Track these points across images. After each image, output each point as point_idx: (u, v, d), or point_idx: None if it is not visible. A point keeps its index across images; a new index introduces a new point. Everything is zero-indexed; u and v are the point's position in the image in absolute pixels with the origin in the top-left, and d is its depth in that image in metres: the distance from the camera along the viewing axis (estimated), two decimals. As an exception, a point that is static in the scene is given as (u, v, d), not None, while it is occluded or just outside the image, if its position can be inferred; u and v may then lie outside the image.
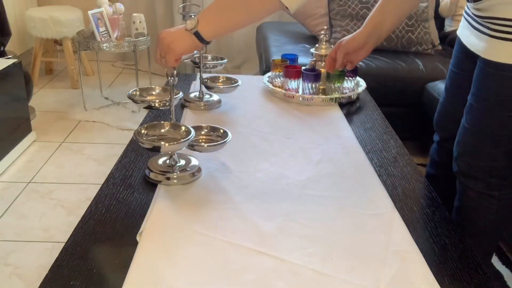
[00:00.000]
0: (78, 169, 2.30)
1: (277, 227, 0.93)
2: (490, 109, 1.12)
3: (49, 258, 1.69)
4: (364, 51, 1.42)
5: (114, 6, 2.83)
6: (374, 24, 1.38)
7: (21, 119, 2.42)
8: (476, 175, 1.19)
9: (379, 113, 1.53)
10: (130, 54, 3.64)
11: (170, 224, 0.92)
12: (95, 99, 3.07)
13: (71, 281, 0.78)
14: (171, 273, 0.80)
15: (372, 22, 1.38)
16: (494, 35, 1.07)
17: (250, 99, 1.57)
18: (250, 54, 3.67)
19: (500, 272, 1.56)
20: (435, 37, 2.72)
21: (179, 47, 1.06)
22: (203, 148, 1.10)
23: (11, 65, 2.29)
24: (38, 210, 1.96)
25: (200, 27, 1.03)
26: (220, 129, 1.14)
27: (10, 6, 3.16)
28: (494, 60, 1.08)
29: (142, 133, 1.05)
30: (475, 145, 1.17)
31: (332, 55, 1.46)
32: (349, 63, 1.47)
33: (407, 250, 0.88)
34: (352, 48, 1.41)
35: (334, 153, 1.23)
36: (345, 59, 1.44)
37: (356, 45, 1.40)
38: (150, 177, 1.07)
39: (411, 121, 2.44)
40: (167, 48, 1.06)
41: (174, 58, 1.07)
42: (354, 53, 1.42)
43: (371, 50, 1.43)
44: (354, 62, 1.47)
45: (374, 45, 1.41)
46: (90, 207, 0.98)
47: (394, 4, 1.36)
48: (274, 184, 1.08)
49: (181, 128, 1.07)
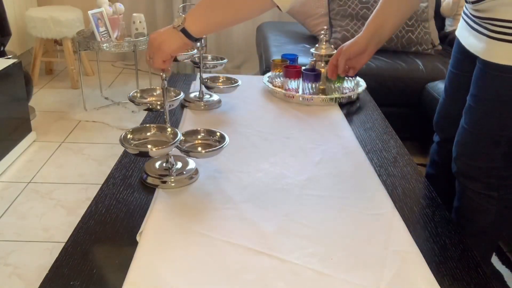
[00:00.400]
0: (78, 169, 2.30)
1: (277, 227, 0.93)
2: (489, 110, 1.12)
3: (49, 258, 1.69)
4: (366, 56, 1.40)
5: (114, 6, 2.83)
6: (374, 27, 1.36)
7: (21, 119, 2.42)
8: (475, 176, 1.19)
9: (379, 113, 1.53)
10: (130, 54, 3.64)
11: (170, 224, 0.92)
12: (95, 99, 3.07)
13: (71, 281, 0.78)
14: (171, 273, 0.80)
15: (372, 25, 1.36)
16: (494, 36, 1.07)
17: (250, 99, 1.57)
18: (250, 54, 3.67)
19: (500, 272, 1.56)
20: (435, 37, 2.72)
21: (169, 47, 1.04)
22: (199, 154, 1.08)
23: (11, 65, 2.29)
24: (38, 210, 1.96)
25: (187, 24, 1.02)
26: (217, 132, 1.12)
27: (10, 6, 3.16)
28: (493, 61, 1.08)
29: (128, 138, 1.03)
30: (474, 146, 1.17)
31: (333, 62, 1.43)
32: (351, 69, 1.45)
33: (407, 250, 0.88)
34: (354, 53, 1.39)
35: (334, 153, 1.23)
36: (347, 65, 1.42)
37: (357, 49, 1.38)
38: (147, 181, 1.06)
39: (411, 121, 2.44)
40: (156, 49, 1.04)
41: (162, 59, 1.05)
42: (356, 58, 1.40)
43: (372, 54, 1.41)
44: (356, 68, 1.44)
45: (375, 48, 1.39)
46: (90, 207, 0.98)
47: (394, 5, 1.35)
48: (274, 184, 1.08)
49: (168, 131, 1.06)
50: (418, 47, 2.63)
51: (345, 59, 1.40)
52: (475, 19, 1.14)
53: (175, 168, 1.08)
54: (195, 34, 1.03)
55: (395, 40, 2.58)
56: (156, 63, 1.05)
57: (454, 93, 1.31)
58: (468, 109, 1.17)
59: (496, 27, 1.06)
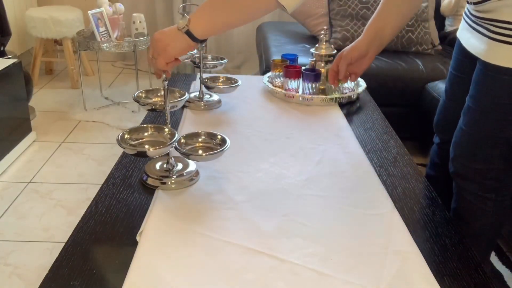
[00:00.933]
0: (78, 169, 2.30)
1: (277, 227, 0.93)
2: (488, 112, 1.11)
3: (49, 258, 1.69)
4: (366, 60, 1.37)
5: (114, 6, 2.83)
6: (374, 31, 1.33)
7: (21, 119, 2.42)
8: (472, 177, 1.18)
9: (379, 113, 1.53)
10: (130, 54, 3.64)
11: (170, 224, 0.92)
12: (95, 99, 3.07)
13: (71, 281, 0.78)
14: (171, 273, 0.80)
15: (372, 28, 1.34)
16: (495, 37, 1.06)
17: (250, 99, 1.57)
18: (250, 54, 3.67)
19: (500, 272, 1.56)
20: (435, 37, 2.72)
21: (173, 50, 1.03)
22: (199, 157, 1.07)
23: (11, 65, 2.29)
24: (38, 210, 1.96)
25: (192, 26, 1.01)
26: (218, 135, 1.10)
27: (10, 6, 3.16)
28: (494, 63, 1.07)
29: (126, 138, 1.03)
30: (471, 147, 1.16)
31: (334, 68, 1.41)
32: (353, 75, 1.43)
33: (407, 250, 0.88)
34: (355, 58, 1.36)
35: (334, 153, 1.23)
36: (348, 70, 1.40)
37: (358, 54, 1.36)
38: (147, 182, 1.06)
39: (411, 121, 2.44)
40: (161, 51, 1.04)
41: (166, 61, 1.04)
42: (357, 63, 1.38)
43: (373, 57, 1.38)
44: (358, 73, 1.42)
45: (376, 52, 1.37)
46: (90, 207, 0.98)
47: (394, 7, 1.32)
48: (274, 184, 1.08)
49: (165, 131, 1.06)
50: (418, 47, 2.63)
51: (345, 65, 1.38)
52: (477, 19, 1.13)
53: (176, 169, 1.08)
54: (200, 35, 1.02)
55: (395, 40, 2.58)
56: (160, 65, 1.05)
57: (455, 95, 1.31)
58: (467, 110, 1.16)
59: (498, 29, 1.05)
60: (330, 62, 1.64)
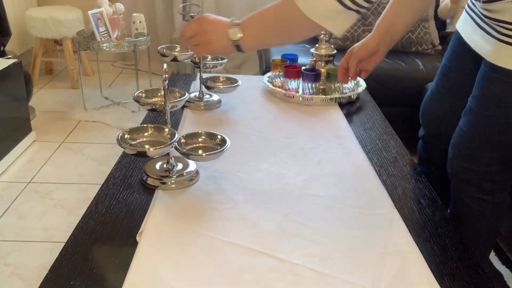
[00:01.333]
0: (78, 169, 2.30)
1: (277, 227, 0.93)
2: (490, 114, 1.09)
3: (49, 258, 1.69)
4: (377, 57, 1.33)
5: (114, 6, 2.83)
6: (385, 27, 1.28)
7: (21, 119, 2.42)
8: (469, 179, 1.18)
9: (379, 113, 1.53)
10: (130, 54, 3.63)
11: (170, 224, 0.92)
12: (95, 99, 3.07)
13: (71, 281, 0.78)
14: (171, 273, 0.80)
15: (383, 25, 1.29)
16: (503, 39, 1.04)
17: (250, 99, 1.57)
18: (250, 54, 3.66)
19: (500, 272, 1.56)
20: (435, 37, 2.72)
21: (214, 49, 1.04)
22: (199, 157, 1.07)
23: (11, 65, 2.29)
24: (38, 210, 1.96)
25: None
26: (218, 135, 1.10)
27: (10, 6, 3.16)
28: (500, 65, 1.04)
29: (126, 138, 1.03)
30: (470, 149, 1.15)
31: (343, 65, 1.36)
32: (363, 72, 1.37)
33: (407, 250, 0.88)
34: (365, 55, 1.32)
35: (334, 153, 1.23)
36: (358, 67, 1.35)
37: (368, 51, 1.31)
38: (147, 182, 1.06)
39: (411, 121, 2.43)
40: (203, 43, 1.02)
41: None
42: (367, 60, 1.33)
43: (384, 55, 1.33)
44: (368, 70, 1.37)
45: (387, 49, 1.32)
46: (90, 207, 0.98)
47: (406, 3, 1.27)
48: (274, 184, 1.08)
49: (165, 131, 1.06)
50: (418, 47, 2.63)
51: (356, 62, 1.33)
52: (484, 18, 1.10)
53: (176, 169, 1.08)
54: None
55: (395, 40, 2.58)
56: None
57: (446, 88, 1.27)
58: (469, 111, 1.15)
59: (507, 30, 1.03)
60: (330, 62, 1.64)
